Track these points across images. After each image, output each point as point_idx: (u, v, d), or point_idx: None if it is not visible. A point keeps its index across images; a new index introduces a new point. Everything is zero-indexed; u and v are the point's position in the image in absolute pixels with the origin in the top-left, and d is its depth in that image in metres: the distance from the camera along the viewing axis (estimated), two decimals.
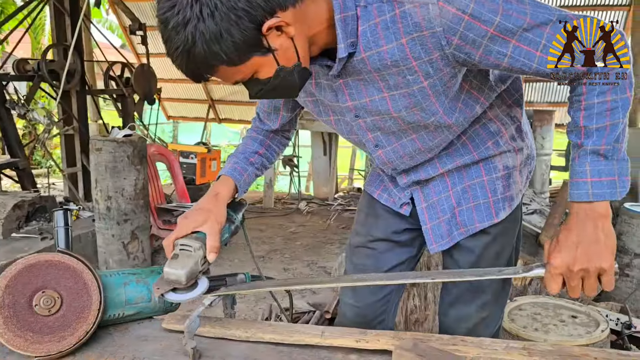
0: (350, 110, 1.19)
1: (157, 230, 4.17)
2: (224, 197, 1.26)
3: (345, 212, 6.06)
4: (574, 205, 1.05)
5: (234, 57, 0.94)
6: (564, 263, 1.01)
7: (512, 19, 0.96)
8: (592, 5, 6.72)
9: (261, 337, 1.19)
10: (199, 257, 1.13)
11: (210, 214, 1.19)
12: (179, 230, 1.17)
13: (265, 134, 1.44)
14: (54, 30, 4.88)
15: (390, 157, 1.28)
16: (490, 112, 1.25)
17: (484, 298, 1.38)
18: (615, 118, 1.01)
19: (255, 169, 1.38)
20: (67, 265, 1.22)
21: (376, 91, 1.11)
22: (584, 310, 1.93)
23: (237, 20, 0.89)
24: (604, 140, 1.01)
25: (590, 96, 1.01)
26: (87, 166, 5.06)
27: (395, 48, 1.01)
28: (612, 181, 1.02)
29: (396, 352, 1.05)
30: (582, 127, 1.03)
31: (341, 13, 1.00)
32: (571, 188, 1.05)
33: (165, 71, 9.08)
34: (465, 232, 1.32)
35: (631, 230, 3.12)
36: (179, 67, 0.98)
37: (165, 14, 0.91)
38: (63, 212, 1.35)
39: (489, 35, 0.97)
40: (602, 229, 1.02)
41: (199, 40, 0.90)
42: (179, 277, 1.10)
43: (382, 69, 1.06)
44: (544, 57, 0.98)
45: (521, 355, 1.06)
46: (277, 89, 1.03)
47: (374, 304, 1.48)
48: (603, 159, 1.02)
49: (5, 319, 1.13)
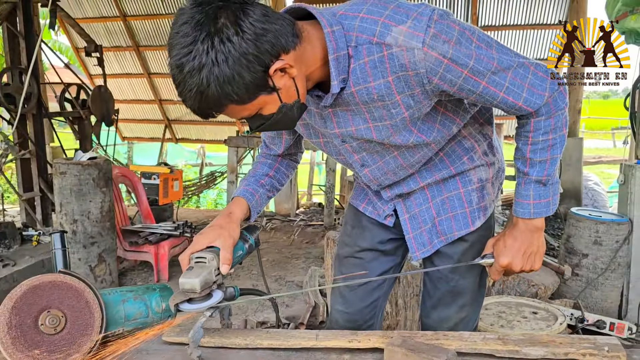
0: (338, 136, 1.30)
1: (123, 252, 4.13)
2: (236, 216, 1.34)
3: (307, 227, 6.15)
4: (517, 219, 1.32)
5: (244, 96, 1.02)
6: (509, 264, 1.29)
7: (482, 63, 1.10)
8: (530, 25, 7.15)
9: (260, 343, 1.27)
10: (212, 267, 1.19)
11: (223, 230, 1.26)
12: (194, 246, 1.24)
13: (273, 158, 1.53)
14: (8, 54, 4.78)
15: (376, 174, 1.40)
16: (464, 130, 1.39)
17: (462, 300, 1.49)
18: (554, 153, 1.25)
19: (267, 191, 1.46)
20: (69, 285, 1.26)
21: (362, 121, 1.22)
22: (543, 306, 2.10)
23: (248, 64, 0.98)
24: (545, 172, 1.26)
25: (536, 134, 1.23)
26: (45, 190, 4.95)
27: (382, 84, 1.13)
28: (548, 202, 1.28)
29: (388, 348, 1.15)
30: (528, 159, 1.26)
31: (335, 53, 1.11)
32: (516, 206, 1.31)
33: (120, 92, 8.99)
34: (445, 240, 1.45)
35: (578, 233, 3.36)
36: (191, 106, 1.05)
37: (181, 59, 0.98)
38: (60, 235, 1.39)
39: (463, 76, 1.10)
40: (538, 239, 1.31)
41: (213, 82, 0.98)
42: (193, 286, 1.15)
43: (369, 102, 1.17)
44: (505, 97, 1.16)
45: (497, 344, 1.19)
46: (278, 123, 1.12)
47: (362, 310, 1.58)
48: (543, 185, 1.27)
49: (14, 340, 1.17)
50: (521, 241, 1.29)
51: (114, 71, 8.85)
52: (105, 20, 8.44)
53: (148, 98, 9.40)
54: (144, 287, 1.41)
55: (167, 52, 1.02)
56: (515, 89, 1.14)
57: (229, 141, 6.20)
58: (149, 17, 8.25)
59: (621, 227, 3.24)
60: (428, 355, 1.08)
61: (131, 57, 8.91)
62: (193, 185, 8.51)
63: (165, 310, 1.37)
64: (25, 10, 4.75)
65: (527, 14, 7.10)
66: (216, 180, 8.39)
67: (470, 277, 1.49)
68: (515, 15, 7.14)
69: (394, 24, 1.07)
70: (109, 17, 8.39)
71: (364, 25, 1.10)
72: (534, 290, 2.65)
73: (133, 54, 8.81)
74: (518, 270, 1.31)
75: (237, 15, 0.97)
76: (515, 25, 7.19)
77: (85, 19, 8.18)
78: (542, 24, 7.10)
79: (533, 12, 7.05)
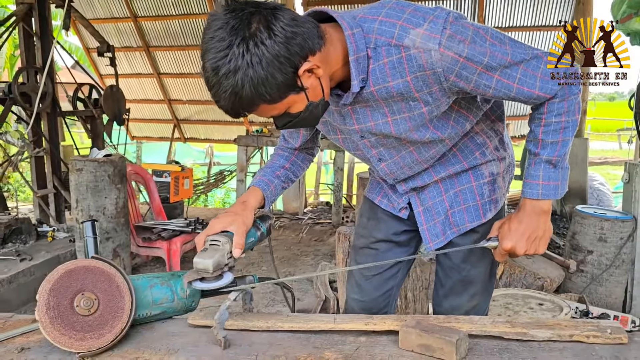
0: (357, 132, 1.37)
1: (136, 248, 4.22)
2: (251, 204, 1.42)
3: (316, 225, 6.23)
4: (525, 201, 1.33)
5: (276, 96, 1.10)
6: (513, 247, 1.31)
7: (497, 59, 1.17)
8: (536, 26, 7.19)
9: (280, 326, 1.33)
10: (225, 250, 1.28)
11: (238, 216, 1.34)
12: (209, 229, 1.32)
13: (290, 151, 1.60)
14: (24, 53, 4.88)
15: (392, 168, 1.47)
16: (476, 126, 1.45)
17: (473, 289, 1.56)
18: (566, 135, 1.28)
19: (282, 182, 1.54)
20: (101, 270, 1.34)
21: (380, 116, 1.30)
22: (549, 298, 2.17)
23: (280, 65, 1.06)
24: (556, 153, 1.28)
25: (549, 116, 1.27)
26: (59, 188, 5.05)
27: (401, 84, 1.20)
28: (557, 185, 1.31)
29: (402, 329, 1.21)
30: (540, 140, 1.29)
31: (355, 54, 1.18)
32: (525, 187, 1.33)
33: (130, 92, 9.08)
34: (457, 231, 1.52)
35: (583, 230, 3.42)
36: (224, 107, 1.12)
37: (217, 62, 1.05)
38: (91, 223, 1.47)
39: (478, 72, 1.17)
40: (544, 223, 1.32)
41: (248, 83, 1.05)
42: (206, 266, 1.25)
43: (388, 97, 1.25)
44: (520, 88, 1.21)
45: (506, 327, 1.25)
46: (303, 121, 1.20)
47: (377, 298, 1.65)
48: (553, 167, 1.30)
49: (52, 319, 1.25)
50: (526, 224, 1.31)
51: (124, 71, 8.95)
52: (116, 21, 8.55)
53: (157, 98, 9.50)
54: (169, 273, 1.49)
55: (201, 56, 1.08)
56: (528, 80, 1.20)
57: (238, 140, 6.29)
58: (159, 18, 8.35)
59: (626, 224, 3.30)
60: (441, 336, 1.15)
61: (141, 58, 9.01)
62: (202, 184, 8.61)
63: (189, 295, 1.44)
64: (41, 11, 4.85)
65: (533, 16, 7.14)
66: (225, 179, 8.48)
67: (481, 267, 1.56)
68: (521, 16, 7.19)
69: (412, 26, 1.14)
70: (119, 18, 8.50)
71: (382, 28, 1.17)
72: (540, 283, 2.72)
73: (143, 54, 8.91)
74: (521, 253, 1.33)
75: (269, 20, 1.04)
76: (521, 27, 7.23)
77: (97, 20, 8.29)
78: (548, 25, 7.14)
79: (539, 13, 7.09)
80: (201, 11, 8.05)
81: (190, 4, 8.01)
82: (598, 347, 1.17)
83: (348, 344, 1.23)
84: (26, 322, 1.43)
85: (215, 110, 9.32)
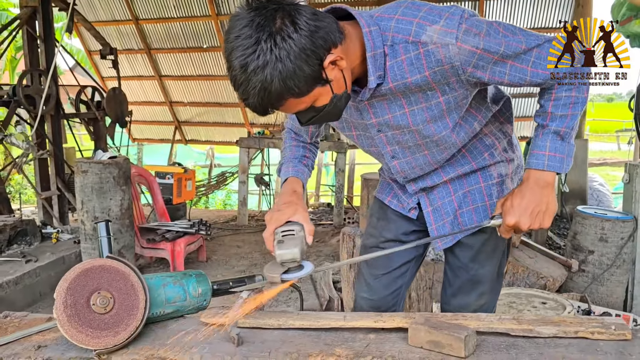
0: (374, 126, 1.40)
1: (140, 249, 4.25)
2: (300, 192, 1.45)
3: (317, 226, 6.26)
4: (529, 172, 1.32)
5: (303, 89, 1.12)
6: (517, 223, 1.29)
7: (512, 48, 1.21)
8: (536, 28, 7.24)
9: (292, 324, 1.35)
10: (302, 237, 1.28)
11: (297, 205, 1.37)
12: (275, 222, 1.33)
13: (304, 144, 1.63)
14: (27, 56, 4.92)
15: (404, 167, 1.50)
16: (485, 128, 1.48)
17: (481, 288, 1.59)
18: (575, 110, 1.29)
19: (308, 170, 1.57)
20: (116, 269, 1.37)
21: (398, 108, 1.33)
22: (552, 297, 2.20)
23: (307, 58, 1.08)
24: (565, 125, 1.29)
25: (559, 90, 1.29)
26: (63, 189, 5.08)
27: (419, 79, 1.24)
28: (562, 158, 1.30)
29: (412, 327, 1.24)
30: (549, 113, 1.30)
31: (372, 51, 1.22)
32: (530, 157, 1.32)
33: (131, 94, 9.12)
34: (466, 231, 1.54)
35: (584, 230, 3.45)
36: (252, 104, 1.13)
37: (246, 59, 1.06)
38: (105, 224, 1.51)
39: (494, 60, 1.22)
40: (547, 196, 1.29)
41: (277, 77, 1.07)
42: (294, 255, 1.24)
43: (406, 91, 1.28)
44: (534, 71, 1.24)
45: (512, 324, 1.28)
46: (327, 115, 1.22)
47: (386, 297, 1.68)
48: (560, 139, 1.29)
49: (69, 317, 1.27)
50: (529, 199, 1.29)
51: (125, 73, 8.99)
52: (117, 24, 8.58)
53: (158, 100, 9.53)
54: (181, 272, 1.51)
55: (227, 56, 1.10)
56: (541, 62, 1.24)
57: (240, 142, 6.32)
58: (160, 20, 8.38)
59: (626, 224, 3.33)
60: (449, 332, 1.17)
61: (142, 60, 9.05)
62: (203, 186, 8.63)
63: (200, 294, 1.47)
64: (45, 14, 4.89)
65: (532, 17, 7.19)
66: (227, 180, 8.51)
67: (489, 267, 1.58)
68: (520, 18, 7.24)
69: (428, 23, 1.18)
70: (121, 21, 8.53)
71: (399, 26, 1.20)
72: (543, 282, 2.75)
73: (144, 57, 8.95)
74: (526, 229, 1.30)
75: (293, 15, 1.07)
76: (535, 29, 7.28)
77: (98, 22, 8.32)
78: (547, 27, 7.19)
79: (538, 15, 7.14)
80: (202, 14, 8.09)
81: (191, 6, 8.05)
82: (602, 343, 1.20)
83: (358, 341, 1.25)
84: (41, 320, 1.45)
85: (217, 112, 9.37)
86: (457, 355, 1.15)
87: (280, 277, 1.27)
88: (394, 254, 1.64)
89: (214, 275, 4.34)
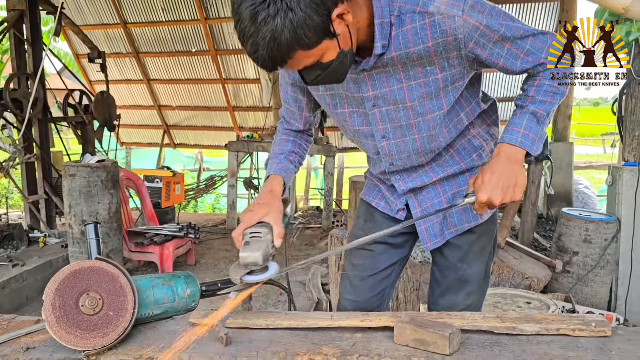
0: (370, 99, 1.41)
1: (128, 253, 4.23)
2: (278, 192, 1.45)
3: (306, 229, 6.27)
4: (501, 146, 1.35)
5: (312, 40, 1.12)
6: (489, 198, 1.30)
7: (511, 31, 1.28)
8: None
9: (279, 324, 1.36)
10: (268, 241, 1.28)
11: (271, 206, 1.37)
12: (246, 222, 1.34)
13: (294, 135, 1.63)
14: (15, 60, 4.89)
15: (392, 150, 1.50)
16: (474, 130, 1.52)
17: (469, 288, 1.60)
18: (554, 99, 1.35)
19: (294, 167, 1.57)
20: (105, 270, 1.37)
21: (396, 82, 1.35)
22: (536, 297, 2.23)
23: (317, 7, 1.09)
24: (542, 108, 1.34)
25: (543, 78, 1.35)
26: (50, 193, 5.05)
27: (422, 49, 1.28)
28: (534, 139, 1.34)
29: (398, 325, 1.25)
30: (530, 97, 1.36)
31: (380, 18, 1.25)
32: (505, 133, 1.36)
33: (119, 97, 9.09)
34: (455, 232, 1.57)
35: (569, 232, 3.50)
36: (262, 56, 1.12)
37: (256, 9, 1.06)
38: (94, 225, 1.51)
39: (494, 40, 1.27)
40: (516, 171, 1.32)
41: (287, 27, 1.07)
42: (255, 259, 1.24)
43: (407, 62, 1.31)
44: (526, 58, 1.31)
45: (496, 322, 1.30)
46: (333, 73, 1.23)
47: (371, 299, 1.68)
48: (536, 121, 1.35)
49: (58, 318, 1.28)
50: (499, 173, 1.30)
51: (113, 77, 8.93)
52: (105, 27, 8.56)
53: (147, 104, 9.50)
54: (170, 274, 1.52)
55: (235, 10, 1.10)
56: (535, 51, 1.31)
57: (229, 145, 6.32)
58: (148, 24, 8.37)
59: (610, 225, 3.38)
60: (434, 330, 1.19)
61: (131, 64, 9.02)
62: (192, 190, 8.61)
63: (189, 295, 1.48)
64: (32, 18, 4.86)
65: None
66: (216, 184, 8.50)
67: (477, 267, 1.60)
68: None
69: None
70: (109, 24, 8.51)
71: None
72: (528, 283, 2.79)
73: (133, 60, 8.92)
74: (498, 203, 1.30)
75: None
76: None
77: (86, 26, 8.29)
78: None
79: (524, 20, 7.21)
80: (191, 18, 8.09)
81: (179, 10, 8.04)
82: (583, 340, 1.23)
83: (345, 340, 1.27)
84: (30, 322, 1.45)
85: (205, 115, 9.35)
86: (441, 352, 1.17)
87: (241, 278, 1.28)
88: (380, 256, 1.66)
89: (202, 278, 4.31)
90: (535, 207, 4.44)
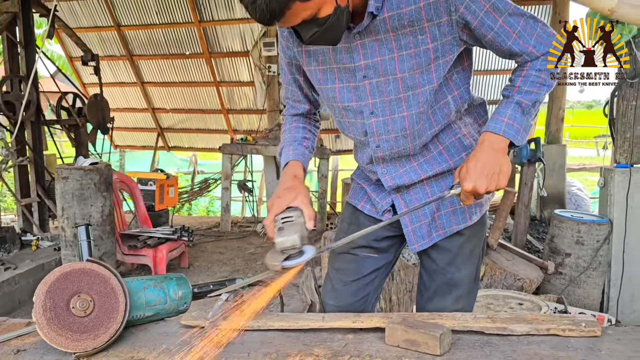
0: (361, 69, 1.41)
1: (121, 256, 4.22)
2: (301, 176, 1.45)
3: None
4: (486, 135, 1.35)
5: None
6: (475, 187, 1.29)
7: (502, 3, 1.30)
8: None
9: (271, 325, 1.36)
10: (302, 223, 1.27)
11: (298, 190, 1.37)
12: (275, 209, 1.33)
13: (303, 121, 1.63)
14: (8, 62, 4.87)
15: (380, 129, 1.47)
16: (464, 129, 1.51)
17: (458, 292, 1.57)
18: (540, 90, 1.35)
19: (309, 152, 1.58)
20: (96, 272, 1.37)
21: (387, 51, 1.36)
22: (528, 298, 2.24)
23: None
24: (528, 98, 1.35)
25: (531, 69, 1.36)
26: (43, 196, 5.03)
27: (413, 10, 1.30)
28: (519, 129, 1.35)
29: (389, 326, 1.26)
30: (516, 87, 1.36)
31: None
32: (490, 122, 1.37)
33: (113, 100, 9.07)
34: (443, 234, 1.54)
35: (561, 233, 3.52)
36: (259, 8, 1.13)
37: None
38: (85, 227, 1.51)
39: (485, 9, 1.29)
40: (500, 159, 1.31)
41: None
42: (294, 242, 1.22)
43: (399, 27, 1.33)
44: (517, 40, 1.33)
45: (487, 322, 1.31)
46: (328, 31, 1.24)
47: (354, 304, 1.64)
48: (521, 111, 1.35)
49: (48, 320, 1.27)
50: (483, 162, 1.30)
51: (107, 80, 8.93)
52: (99, 30, 8.54)
53: (141, 106, 9.48)
54: (162, 276, 1.52)
55: None
56: (525, 35, 1.32)
57: (223, 148, 6.31)
58: (142, 27, 8.36)
59: (602, 227, 3.40)
60: (425, 331, 1.20)
61: (125, 67, 9.00)
62: (186, 193, 8.60)
63: (181, 297, 1.48)
64: (25, 20, 4.85)
65: None
66: (209, 187, 8.48)
67: (466, 270, 1.57)
68: None
69: None
70: (103, 27, 8.49)
71: None
72: (520, 284, 2.80)
73: (126, 63, 8.91)
74: (483, 191, 1.29)
75: None
76: None
77: (80, 29, 8.27)
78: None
79: None
80: (185, 20, 8.09)
81: (173, 13, 8.04)
82: (573, 340, 1.23)
83: (336, 341, 1.27)
84: (20, 325, 1.45)
85: (199, 118, 9.35)
86: (432, 353, 1.17)
87: (281, 264, 1.25)
88: (364, 260, 1.64)
89: (195, 281, 4.30)
90: (528, 209, 4.46)
